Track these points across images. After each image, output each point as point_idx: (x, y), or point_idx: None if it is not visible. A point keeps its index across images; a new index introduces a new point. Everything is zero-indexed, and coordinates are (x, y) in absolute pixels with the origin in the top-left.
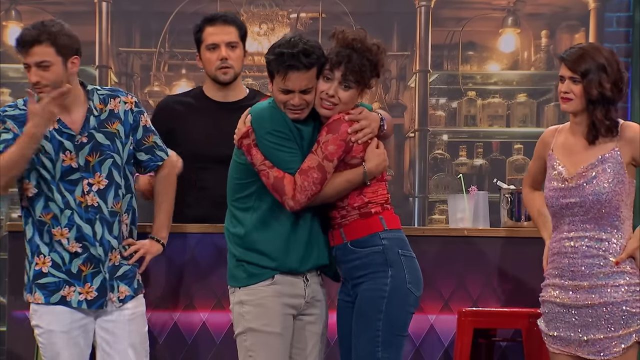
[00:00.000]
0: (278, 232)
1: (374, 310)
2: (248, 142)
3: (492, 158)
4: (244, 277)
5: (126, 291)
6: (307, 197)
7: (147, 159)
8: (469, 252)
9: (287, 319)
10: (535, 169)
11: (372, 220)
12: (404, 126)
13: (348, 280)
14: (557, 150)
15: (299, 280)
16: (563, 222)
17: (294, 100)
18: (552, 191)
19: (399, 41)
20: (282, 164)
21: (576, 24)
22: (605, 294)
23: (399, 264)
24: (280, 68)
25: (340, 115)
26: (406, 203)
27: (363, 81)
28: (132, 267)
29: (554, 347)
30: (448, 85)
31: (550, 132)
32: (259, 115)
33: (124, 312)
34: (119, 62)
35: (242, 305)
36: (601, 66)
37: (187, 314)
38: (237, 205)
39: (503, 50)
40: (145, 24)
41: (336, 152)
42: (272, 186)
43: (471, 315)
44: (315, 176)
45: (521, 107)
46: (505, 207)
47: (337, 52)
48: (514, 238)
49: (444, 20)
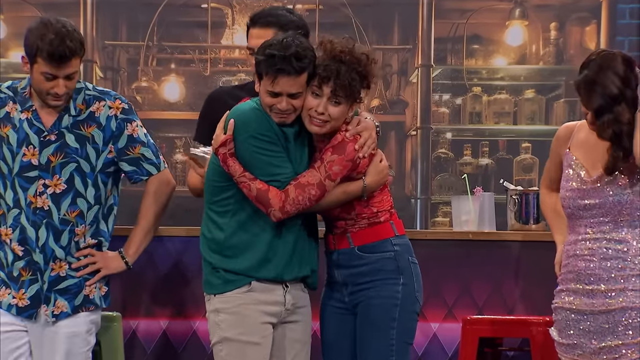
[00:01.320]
0: (259, 238)
1: (387, 318)
2: (224, 152)
3: (498, 157)
4: (219, 283)
5: (63, 307)
6: (298, 210)
7: (131, 170)
8: (474, 256)
9: (266, 328)
10: (552, 168)
11: (382, 227)
12: (405, 124)
13: (345, 285)
14: (575, 148)
15: (277, 286)
16: (580, 224)
17: (281, 104)
18: (570, 191)
19: (400, 34)
20: (266, 169)
21: (587, 15)
22: (624, 298)
23: (409, 272)
24: (270, 70)
25: (342, 136)
26: (408, 205)
27: (353, 95)
28: (80, 281)
29: (566, 356)
30: (452, 80)
31: (567, 129)
32: (242, 118)
33: (56, 330)
34: (104, 56)
35: (217, 314)
36: (615, 97)
37: (177, 322)
38: (215, 209)
39: (510, 43)
40: (132, 15)
41: (341, 172)
42: (255, 198)
43: (476, 323)
44: (313, 193)
45: (529, 103)
46: (513, 209)
47: (325, 66)
48: (521, 242)
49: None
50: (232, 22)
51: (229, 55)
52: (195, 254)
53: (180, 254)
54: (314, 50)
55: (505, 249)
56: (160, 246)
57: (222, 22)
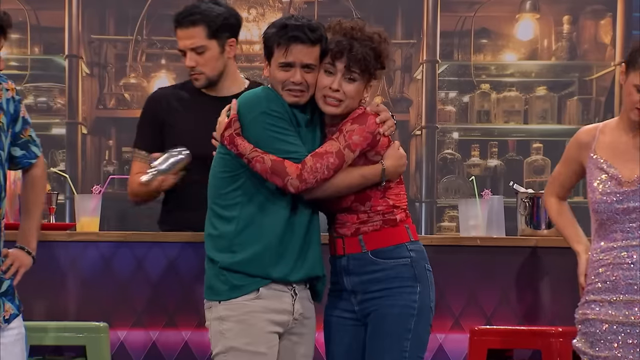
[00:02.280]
0: (269, 233)
1: (402, 329)
2: (230, 133)
3: (507, 158)
4: (225, 289)
5: (10, 309)
6: (317, 179)
7: (21, 155)
8: (482, 263)
9: (273, 338)
10: (566, 174)
11: (398, 230)
12: (409, 123)
13: (354, 294)
14: (602, 151)
15: (286, 294)
16: (615, 230)
17: (295, 77)
18: (605, 195)
19: (404, 28)
20: (280, 146)
21: (602, 8)
22: None
23: (426, 280)
24: (282, 40)
25: (363, 109)
26: (412, 208)
27: (368, 71)
28: (11, 281)
29: None
30: (459, 77)
31: (588, 131)
32: (251, 97)
33: (10, 333)
34: (91, 51)
35: (222, 322)
36: None
37: (167, 332)
38: (222, 203)
39: (520, 37)
40: (120, 8)
41: (360, 144)
42: (270, 170)
43: (485, 334)
44: (332, 161)
45: (540, 101)
46: (523, 213)
47: (337, 42)
48: (532, 248)
49: (454, 4)
50: None
51: None
52: (188, 261)
53: (171, 261)
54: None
55: (515, 255)
56: (150, 252)
57: None
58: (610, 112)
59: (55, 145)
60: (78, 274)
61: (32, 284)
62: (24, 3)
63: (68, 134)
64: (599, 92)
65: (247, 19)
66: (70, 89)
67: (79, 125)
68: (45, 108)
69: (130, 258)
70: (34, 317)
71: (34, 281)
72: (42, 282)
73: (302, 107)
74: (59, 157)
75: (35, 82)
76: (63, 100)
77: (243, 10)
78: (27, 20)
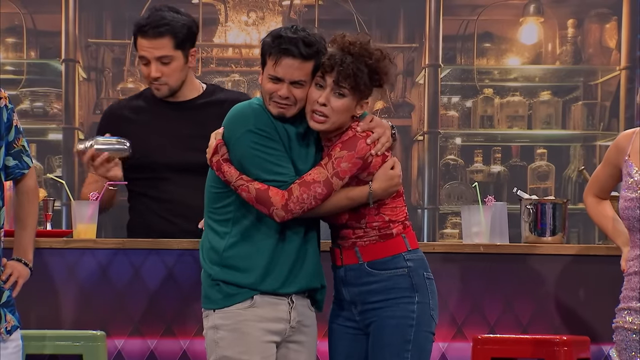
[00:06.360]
0: (261, 247)
1: (402, 340)
2: (217, 159)
3: (511, 164)
4: (219, 298)
5: (12, 320)
6: (303, 210)
7: (14, 165)
8: (486, 271)
9: (268, 347)
10: (604, 177)
11: (394, 241)
12: (411, 128)
13: (354, 304)
14: (635, 156)
15: (282, 301)
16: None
17: (281, 90)
18: (629, 201)
19: (406, 32)
20: (266, 166)
21: (607, 12)
22: None
23: (425, 289)
24: (274, 51)
25: (353, 131)
26: (414, 215)
27: (358, 88)
28: (11, 292)
29: None
30: (461, 81)
31: (625, 136)
32: (238, 115)
33: (11, 345)
34: (87, 56)
35: (216, 331)
36: None
37: (165, 341)
38: (215, 217)
39: (524, 41)
40: (117, 12)
41: (350, 171)
42: (255, 199)
43: (488, 342)
44: (319, 191)
45: (544, 106)
46: (527, 220)
47: (330, 56)
48: (536, 255)
49: (456, 8)
50: (225, 19)
51: (222, 54)
52: (186, 268)
53: (169, 268)
54: (326, 45)
55: (519, 262)
56: (148, 260)
57: (215, 19)
58: (615, 117)
59: (51, 150)
60: (75, 282)
61: (29, 292)
62: (20, 7)
63: (65, 140)
64: (604, 96)
65: (246, 23)
66: (66, 93)
67: (76, 131)
68: (42, 113)
69: (127, 265)
70: (30, 326)
71: (30, 289)
72: (39, 290)
73: (295, 121)
74: (55, 163)
75: (32, 87)
76: (59, 105)
77: (242, 14)
78: (23, 24)
